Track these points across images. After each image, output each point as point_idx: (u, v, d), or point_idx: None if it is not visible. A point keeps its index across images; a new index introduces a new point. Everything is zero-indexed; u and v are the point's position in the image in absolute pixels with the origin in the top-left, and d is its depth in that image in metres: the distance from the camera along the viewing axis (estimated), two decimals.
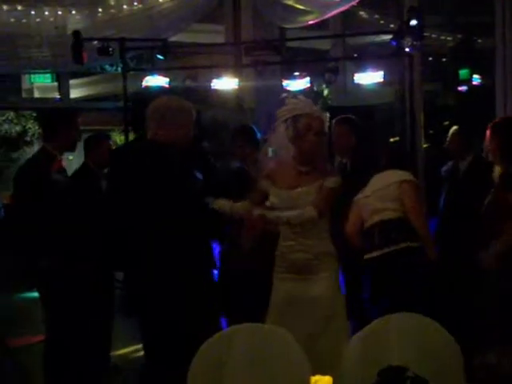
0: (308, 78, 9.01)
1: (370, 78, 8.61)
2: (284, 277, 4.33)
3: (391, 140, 8.24)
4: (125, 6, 9.39)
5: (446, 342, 2.99)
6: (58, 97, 11.66)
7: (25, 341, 7.40)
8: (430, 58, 11.93)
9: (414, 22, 7.51)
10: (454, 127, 6.74)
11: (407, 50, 7.81)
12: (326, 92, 12.82)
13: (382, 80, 8.61)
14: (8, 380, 6.08)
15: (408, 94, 8.80)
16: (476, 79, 10.41)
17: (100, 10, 9.40)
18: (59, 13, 9.36)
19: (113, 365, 6.20)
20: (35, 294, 5.43)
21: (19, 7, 9.19)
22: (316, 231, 4.28)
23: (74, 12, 9.42)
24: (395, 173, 5.17)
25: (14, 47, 9.31)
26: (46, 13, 9.34)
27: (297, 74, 9.02)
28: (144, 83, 9.04)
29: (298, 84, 9.01)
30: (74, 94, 13.91)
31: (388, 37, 8.49)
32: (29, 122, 15.33)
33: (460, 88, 11.01)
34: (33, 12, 9.32)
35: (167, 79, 8.99)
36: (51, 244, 4.92)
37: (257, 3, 9.87)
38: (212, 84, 9.27)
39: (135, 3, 9.39)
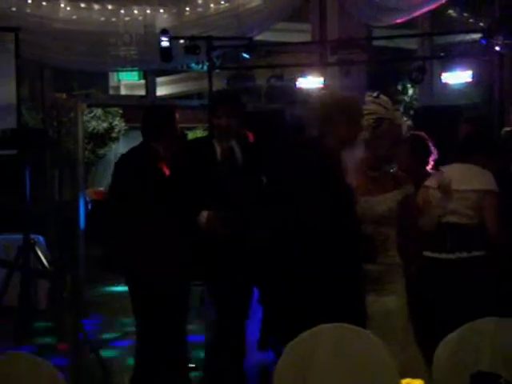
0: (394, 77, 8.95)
1: (457, 77, 8.46)
2: None
3: None
4: (212, 5, 9.49)
5: None
6: (145, 94, 11.85)
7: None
8: None
9: (505, 20, 7.36)
10: (505, 129, 6.53)
11: (497, 48, 7.64)
12: (410, 91, 12.64)
13: (470, 80, 8.46)
14: (90, 374, 6.22)
15: (497, 94, 8.61)
16: None
17: (187, 8, 9.52)
18: (148, 12, 9.54)
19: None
20: (122, 288, 5.51)
21: (110, 6, 9.41)
22: (388, 242, 4.13)
23: (162, 11, 9.58)
24: (474, 174, 4.89)
25: (104, 45, 9.52)
26: (135, 12, 9.53)
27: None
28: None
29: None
30: (160, 91, 14.11)
31: (477, 35, 8.33)
32: (116, 118, 15.62)
33: None
34: (122, 11, 9.52)
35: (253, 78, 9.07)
36: (145, 239, 4.93)
37: (343, 1, 9.81)
38: (297, 83, 9.28)
39: (222, 2, 9.47)
